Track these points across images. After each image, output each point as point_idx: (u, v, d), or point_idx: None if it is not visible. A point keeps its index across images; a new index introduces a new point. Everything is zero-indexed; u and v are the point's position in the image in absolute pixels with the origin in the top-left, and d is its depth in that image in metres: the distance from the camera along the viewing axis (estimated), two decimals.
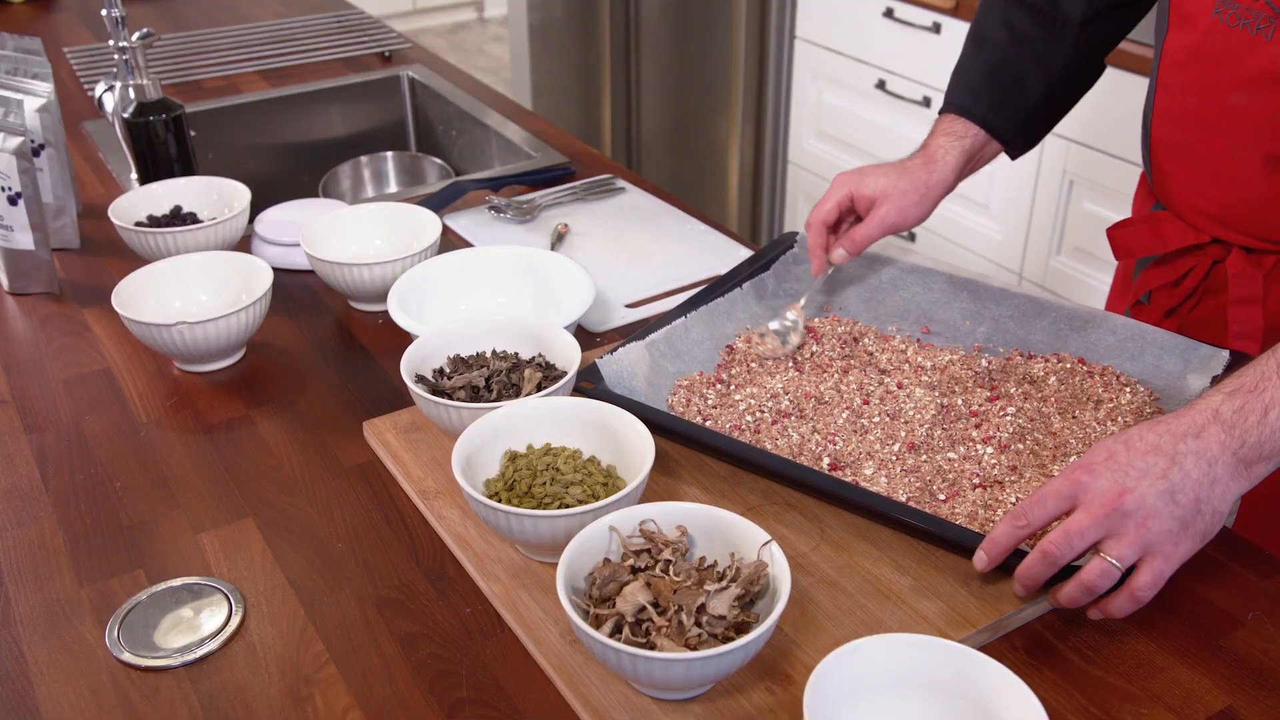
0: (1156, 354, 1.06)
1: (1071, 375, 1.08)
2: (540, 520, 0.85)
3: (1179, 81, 1.10)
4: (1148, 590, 0.80)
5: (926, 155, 1.16)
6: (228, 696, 0.82)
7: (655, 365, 1.10)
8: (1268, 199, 1.06)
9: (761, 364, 1.13)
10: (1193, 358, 1.04)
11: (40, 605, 0.91)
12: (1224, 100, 1.05)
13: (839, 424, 1.04)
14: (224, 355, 1.20)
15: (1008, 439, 1.01)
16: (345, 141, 2.09)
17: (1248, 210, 1.08)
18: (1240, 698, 0.81)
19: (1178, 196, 1.16)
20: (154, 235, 1.33)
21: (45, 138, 1.42)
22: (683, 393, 1.10)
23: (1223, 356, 1.03)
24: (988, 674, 0.73)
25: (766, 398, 1.08)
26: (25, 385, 1.19)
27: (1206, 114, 1.08)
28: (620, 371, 1.07)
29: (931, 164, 1.15)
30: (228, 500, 1.02)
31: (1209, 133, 1.08)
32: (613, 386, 1.04)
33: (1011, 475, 0.98)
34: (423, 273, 1.23)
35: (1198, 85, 1.08)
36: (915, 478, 0.97)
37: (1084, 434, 1.01)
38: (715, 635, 0.77)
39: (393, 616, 0.89)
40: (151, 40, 1.48)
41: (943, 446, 1.01)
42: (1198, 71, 1.07)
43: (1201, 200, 1.12)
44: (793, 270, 1.24)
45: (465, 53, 5.67)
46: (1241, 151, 1.06)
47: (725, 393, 1.10)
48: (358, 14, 2.42)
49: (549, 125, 1.87)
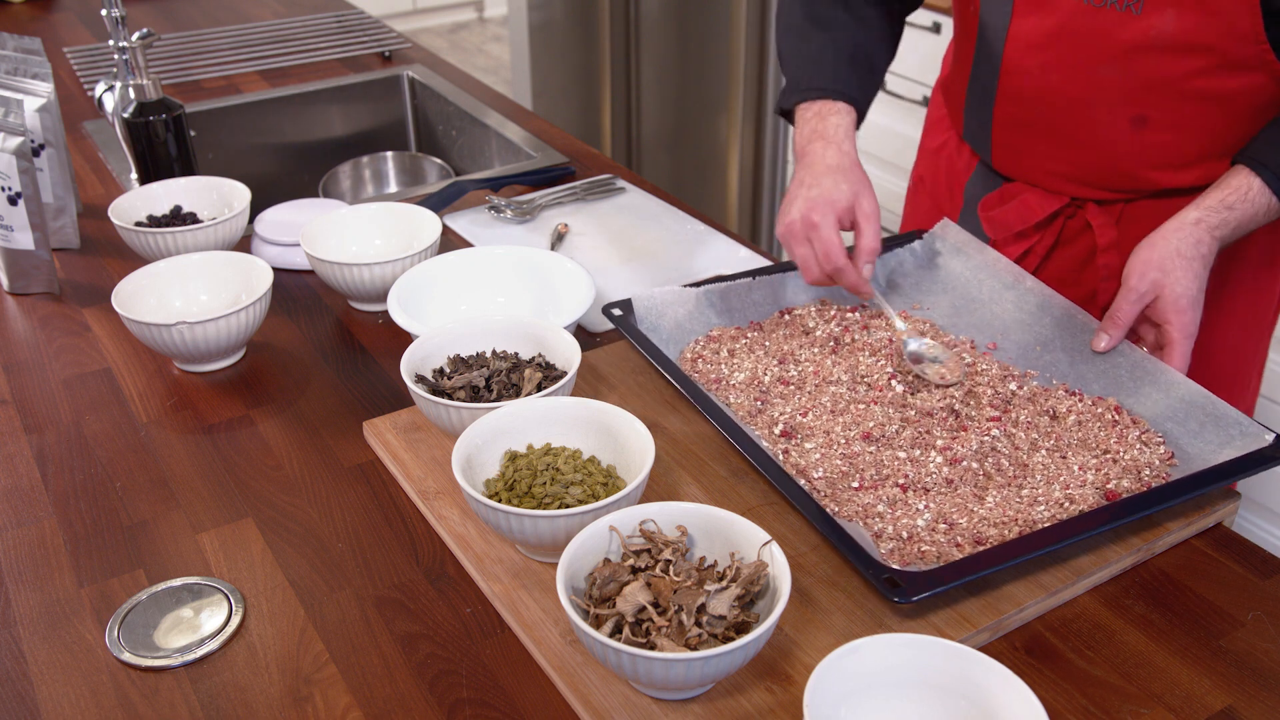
0: (1200, 422, 1.00)
1: (1096, 420, 1.03)
2: (540, 520, 0.85)
3: (1035, 63, 1.16)
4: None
5: (839, 146, 1.15)
6: (228, 696, 0.82)
7: (696, 313, 1.17)
8: (1132, 154, 1.17)
9: (803, 337, 1.16)
10: (1236, 434, 0.97)
11: (40, 605, 0.91)
12: (1092, 75, 1.13)
13: (821, 401, 1.06)
14: (224, 355, 1.20)
15: (964, 454, 0.99)
16: (345, 141, 2.09)
17: (1111, 167, 1.18)
18: (1240, 698, 0.81)
19: (1034, 165, 1.24)
20: (154, 235, 1.33)
21: (45, 138, 1.42)
22: (705, 342, 1.15)
23: (1266, 438, 0.96)
24: (988, 674, 0.73)
25: (774, 364, 1.11)
26: (25, 385, 1.19)
27: (1071, 89, 1.15)
28: (652, 309, 1.16)
29: (848, 152, 1.15)
30: (228, 500, 1.02)
31: (1073, 105, 1.16)
32: (640, 319, 1.14)
33: (944, 487, 0.97)
34: (423, 273, 1.23)
35: (1061, 64, 1.14)
36: (846, 462, 0.99)
37: (1051, 475, 0.98)
38: (715, 635, 0.77)
39: (393, 616, 0.89)
40: (151, 40, 1.48)
41: (901, 444, 1.01)
42: (1060, 51, 1.14)
43: (1061, 165, 1.21)
44: (906, 270, 1.24)
45: (465, 53, 5.67)
46: (1108, 117, 1.15)
47: (742, 350, 1.13)
48: (358, 14, 2.42)
49: (549, 125, 1.87)
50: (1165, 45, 1.07)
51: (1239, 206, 1.05)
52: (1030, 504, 0.94)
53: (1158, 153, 1.16)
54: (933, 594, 0.83)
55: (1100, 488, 0.95)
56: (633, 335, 1.13)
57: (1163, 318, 1.04)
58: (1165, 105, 1.12)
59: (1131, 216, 1.22)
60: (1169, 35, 1.07)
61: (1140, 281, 1.04)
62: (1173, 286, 1.03)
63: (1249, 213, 1.05)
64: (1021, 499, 0.95)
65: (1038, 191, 1.25)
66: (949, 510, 0.94)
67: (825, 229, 1.10)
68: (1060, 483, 0.96)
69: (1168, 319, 1.04)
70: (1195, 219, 1.05)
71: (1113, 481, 0.96)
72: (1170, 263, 1.04)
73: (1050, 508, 0.94)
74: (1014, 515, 0.93)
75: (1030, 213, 1.25)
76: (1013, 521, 0.92)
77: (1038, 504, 0.94)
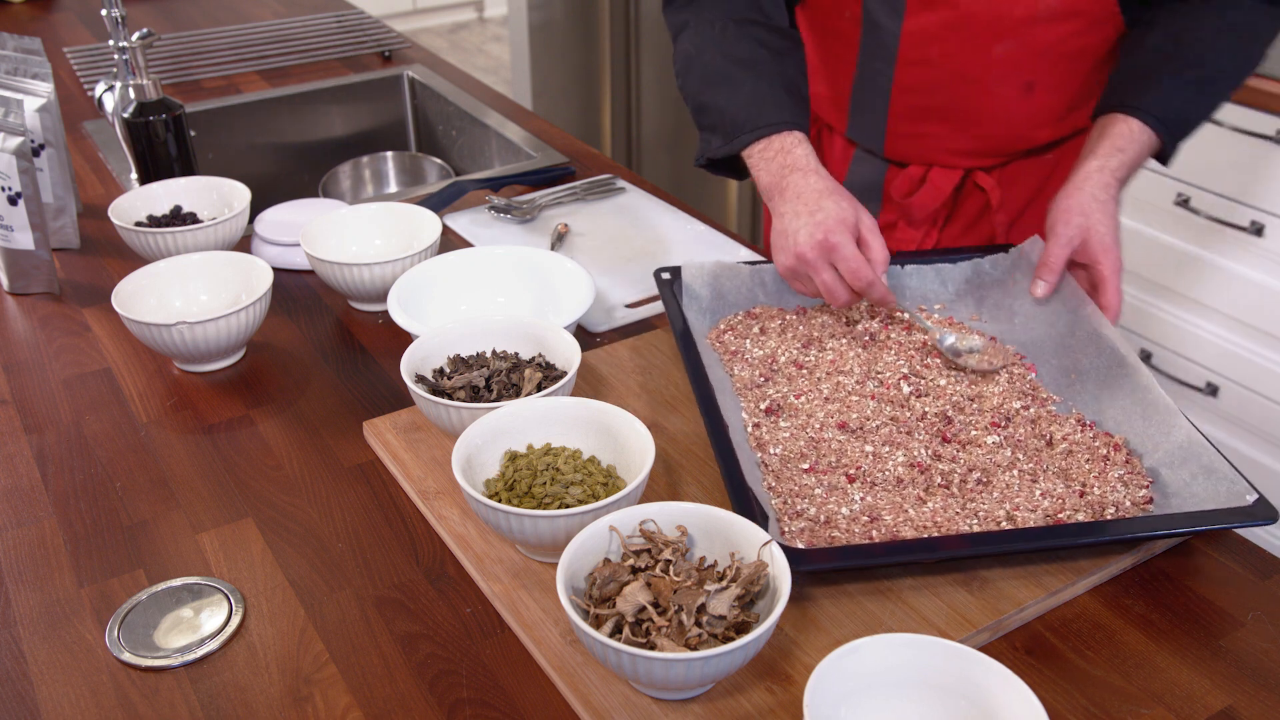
0: (1193, 473, 0.94)
1: (1087, 452, 0.99)
2: (540, 520, 0.85)
3: (933, 54, 1.24)
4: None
5: (818, 172, 1.13)
6: (228, 696, 0.82)
7: (743, 289, 1.21)
8: (1021, 119, 1.28)
9: (841, 327, 1.16)
10: (1232, 494, 0.90)
11: (40, 605, 0.91)
12: (988, 54, 1.22)
13: (820, 388, 1.07)
14: (224, 355, 1.20)
15: (927, 461, 0.98)
16: (345, 141, 2.09)
17: (1003, 133, 1.30)
18: (1240, 698, 0.81)
19: (932, 146, 1.32)
20: (154, 235, 1.33)
21: (45, 138, 1.42)
22: (742, 317, 1.19)
23: (1251, 497, 0.89)
24: (988, 674, 0.73)
25: (797, 347, 1.13)
26: (25, 385, 1.19)
27: (969, 71, 1.24)
28: (698, 277, 1.20)
29: (829, 176, 1.13)
30: (228, 500, 1.02)
31: (969, 85, 1.25)
32: (685, 288, 1.19)
33: (890, 486, 0.96)
34: (423, 273, 1.23)
35: (960, 50, 1.23)
36: (809, 445, 1.00)
37: (1007, 494, 0.95)
38: (715, 635, 0.77)
39: (393, 616, 0.89)
40: (151, 40, 1.48)
41: (873, 439, 1.01)
42: (958, 40, 1.22)
43: (960, 142, 1.31)
44: (986, 275, 1.22)
45: (465, 53, 5.67)
46: (1001, 89, 1.25)
47: (774, 330, 1.16)
48: (358, 14, 2.42)
49: (549, 125, 1.87)
50: (1052, 15, 1.19)
51: (1129, 149, 1.14)
52: (967, 516, 0.92)
53: (1043, 113, 1.28)
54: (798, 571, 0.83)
55: (1051, 515, 0.92)
56: (667, 298, 1.18)
57: (1092, 258, 1.11)
58: (1049, 69, 1.24)
59: (1011, 176, 1.34)
60: (1053, 6, 1.19)
61: (1067, 228, 1.11)
62: (1096, 228, 1.10)
63: (1137, 151, 1.14)
64: (961, 510, 0.93)
65: (937, 170, 1.34)
66: (881, 506, 0.93)
67: (847, 247, 1.07)
68: (1011, 503, 0.93)
69: (1096, 258, 1.10)
70: (1098, 166, 1.13)
71: (1065, 512, 0.92)
72: (1089, 206, 1.11)
73: (985, 523, 0.91)
74: (942, 523, 0.91)
75: (938, 192, 1.34)
76: (938, 528, 0.91)
77: (974, 517, 0.92)
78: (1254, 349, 2.07)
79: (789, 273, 1.12)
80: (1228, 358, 2.12)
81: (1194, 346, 2.17)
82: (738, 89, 1.18)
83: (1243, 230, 2.01)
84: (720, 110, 1.18)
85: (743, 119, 1.16)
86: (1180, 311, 2.18)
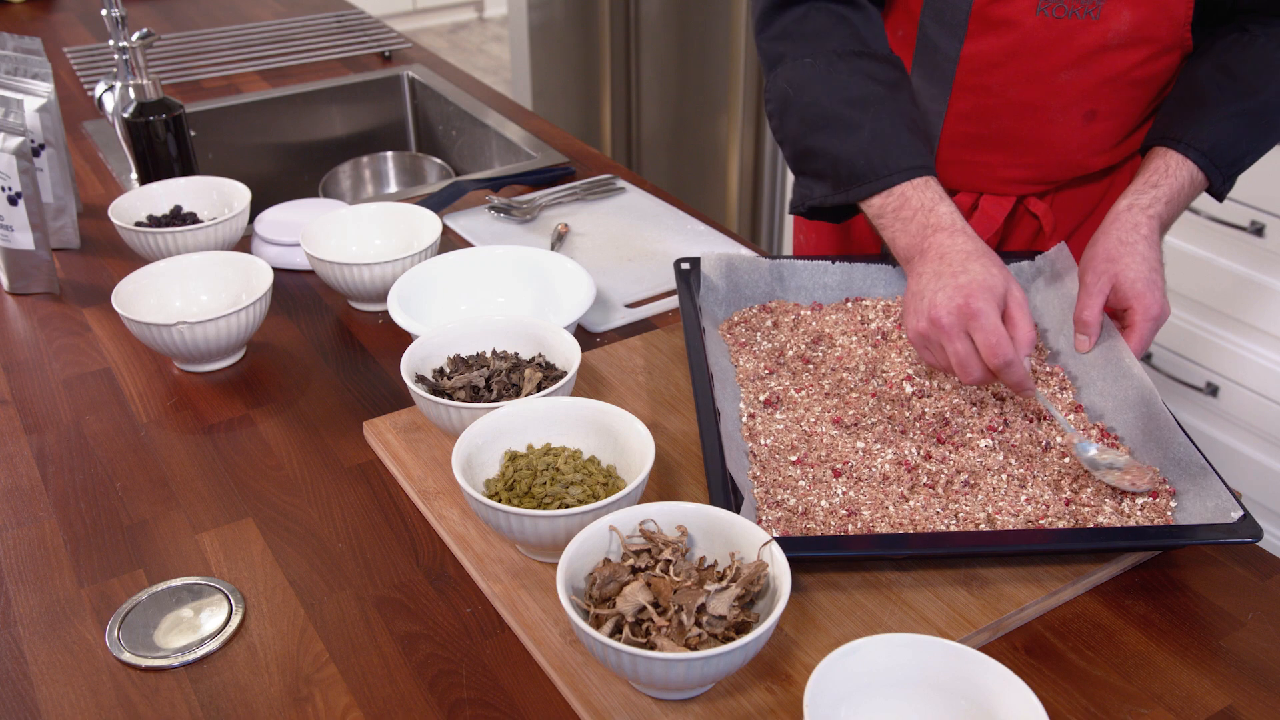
0: (1184, 487, 0.94)
1: (1084, 472, 0.97)
2: (540, 520, 0.85)
3: (992, 80, 1.19)
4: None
5: (965, 232, 1.05)
6: (228, 696, 0.82)
7: (762, 282, 1.21)
8: (1080, 147, 1.23)
9: (855, 324, 1.16)
10: (1220, 513, 0.89)
11: (40, 605, 0.91)
12: (1051, 82, 1.18)
13: (821, 383, 1.08)
14: (224, 355, 1.20)
15: (916, 461, 0.98)
16: (345, 141, 2.09)
17: (1059, 161, 1.24)
18: (1240, 698, 0.81)
19: (985, 175, 1.27)
20: (154, 235, 1.33)
21: (45, 138, 1.42)
22: (758, 310, 1.19)
23: (1235, 515, 0.88)
24: (988, 674, 0.73)
25: (806, 341, 1.13)
26: (25, 385, 1.19)
27: (1030, 99, 1.19)
28: (716, 268, 1.20)
29: (977, 237, 1.06)
30: (228, 500, 1.02)
31: (1029, 113, 1.21)
32: (703, 278, 1.19)
33: (875, 482, 0.95)
34: (423, 273, 1.23)
35: (1020, 76, 1.18)
36: (800, 438, 1.01)
37: (991, 498, 0.94)
38: (715, 635, 0.77)
39: (393, 616, 0.89)
40: (151, 40, 1.48)
41: (866, 436, 1.01)
42: (1021, 65, 1.17)
43: (1014, 171, 1.26)
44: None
45: (465, 53, 5.67)
46: (1063, 118, 1.20)
47: (787, 324, 1.16)
48: (358, 14, 2.42)
49: (549, 125, 1.87)
50: (1119, 43, 1.14)
51: (1163, 183, 1.10)
52: (946, 516, 0.92)
53: (1100, 140, 1.23)
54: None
55: (1032, 521, 0.91)
56: (683, 288, 1.19)
57: (1124, 304, 1.07)
58: (1111, 96, 1.19)
59: (1064, 202, 1.30)
60: (1124, 33, 1.13)
61: (1095, 278, 1.08)
62: (1124, 273, 1.06)
63: (1175, 186, 1.11)
64: (942, 510, 0.92)
65: (988, 198, 1.29)
66: (861, 502, 0.93)
67: (989, 317, 0.96)
68: (994, 506, 0.93)
69: (1128, 303, 1.07)
70: (1126, 205, 1.10)
71: (1047, 518, 0.91)
72: (1115, 251, 1.07)
73: (964, 525, 0.91)
74: (920, 521, 0.91)
75: (991, 222, 1.28)
76: (915, 526, 0.91)
77: (954, 517, 0.92)
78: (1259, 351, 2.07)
79: (919, 338, 1.01)
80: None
81: (1255, 376, 2.07)
82: (853, 132, 1.09)
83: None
84: (833, 157, 1.10)
85: (862, 167, 1.08)
86: (1242, 339, 2.08)
